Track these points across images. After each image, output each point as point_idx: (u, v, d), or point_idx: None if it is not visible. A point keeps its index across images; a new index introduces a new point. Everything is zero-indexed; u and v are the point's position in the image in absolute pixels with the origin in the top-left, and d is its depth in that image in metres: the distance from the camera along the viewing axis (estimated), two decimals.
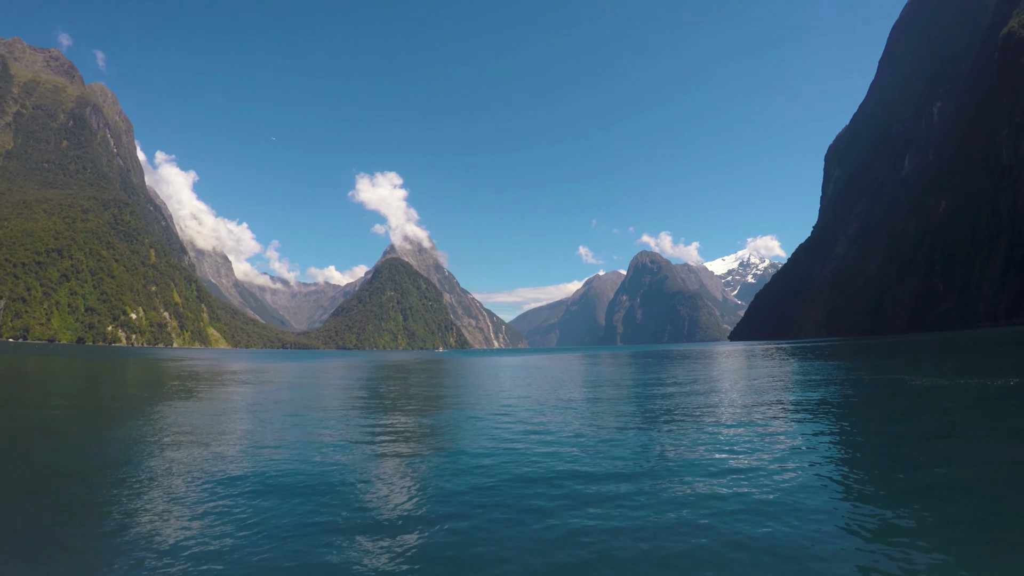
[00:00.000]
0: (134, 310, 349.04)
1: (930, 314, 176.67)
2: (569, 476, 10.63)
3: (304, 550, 7.26)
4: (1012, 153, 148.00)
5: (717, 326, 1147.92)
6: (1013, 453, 11.85)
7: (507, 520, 8.30)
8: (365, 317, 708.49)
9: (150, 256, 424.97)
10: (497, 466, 11.57)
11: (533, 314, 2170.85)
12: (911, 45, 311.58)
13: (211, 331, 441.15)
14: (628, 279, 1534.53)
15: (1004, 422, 15.80)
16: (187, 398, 27.55)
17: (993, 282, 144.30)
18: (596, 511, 8.55)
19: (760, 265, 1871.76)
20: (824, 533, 7.48)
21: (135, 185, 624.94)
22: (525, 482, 10.34)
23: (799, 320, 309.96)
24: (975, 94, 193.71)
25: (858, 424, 16.33)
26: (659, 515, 8.28)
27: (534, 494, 9.56)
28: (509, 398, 25.69)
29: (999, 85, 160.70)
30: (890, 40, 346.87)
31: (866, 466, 11.21)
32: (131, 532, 7.93)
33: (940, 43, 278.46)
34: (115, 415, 21.20)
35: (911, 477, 10.18)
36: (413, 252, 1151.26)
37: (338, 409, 22.76)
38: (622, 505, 8.80)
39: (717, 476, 10.36)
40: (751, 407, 20.06)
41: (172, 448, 13.74)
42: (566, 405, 22.39)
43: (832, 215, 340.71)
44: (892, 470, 10.78)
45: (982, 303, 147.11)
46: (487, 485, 10.21)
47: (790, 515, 8.12)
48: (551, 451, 12.90)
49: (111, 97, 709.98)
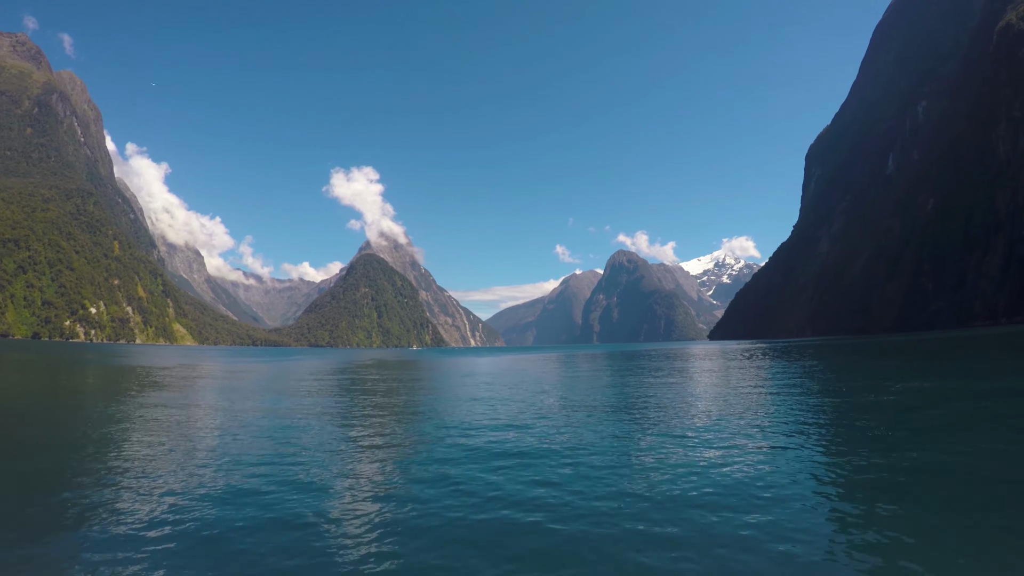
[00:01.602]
0: (94, 304, 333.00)
1: (921, 313, 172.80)
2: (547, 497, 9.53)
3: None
4: (1010, 148, 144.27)
5: (693, 326, 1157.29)
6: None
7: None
8: (339, 314, 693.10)
9: (114, 248, 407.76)
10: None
11: (510, 312, 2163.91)
12: (895, 45, 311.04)
13: (177, 327, 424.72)
14: (605, 278, 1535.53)
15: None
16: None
17: (991, 280, 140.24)
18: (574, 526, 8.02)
19: (735, 266, 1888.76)
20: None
21: (103, 176, 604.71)
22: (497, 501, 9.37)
23: (782, 319, 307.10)
24: (966, 91, 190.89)
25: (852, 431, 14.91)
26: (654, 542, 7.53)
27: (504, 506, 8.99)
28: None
29: (995, 79, 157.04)
30: (873, 40, 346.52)
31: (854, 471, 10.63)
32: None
33: (925, 43, 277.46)
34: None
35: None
36: (389, 249, 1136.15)
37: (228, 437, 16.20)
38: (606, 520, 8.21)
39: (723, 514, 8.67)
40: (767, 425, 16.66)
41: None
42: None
43: (814, 214, 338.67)
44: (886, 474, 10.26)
45: (979, 301, 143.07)
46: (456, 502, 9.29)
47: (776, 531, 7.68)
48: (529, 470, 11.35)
49: (80, 85, 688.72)
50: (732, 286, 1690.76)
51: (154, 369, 50.95)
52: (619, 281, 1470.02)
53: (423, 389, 32.93)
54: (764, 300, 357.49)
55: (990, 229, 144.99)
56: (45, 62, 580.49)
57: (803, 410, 18.59)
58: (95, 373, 46.79)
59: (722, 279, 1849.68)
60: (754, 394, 24.06)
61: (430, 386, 35.20)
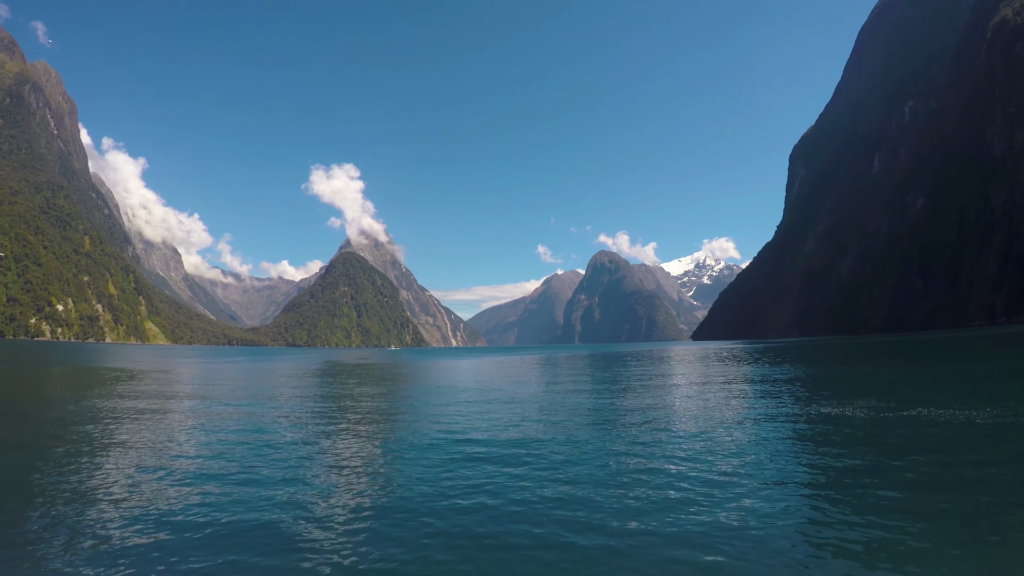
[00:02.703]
0: (61, 301, 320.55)
1: (914, 313, 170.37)
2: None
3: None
4: (1006, 145, 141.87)
5: (674, 326, 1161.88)
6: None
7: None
8: (317, 313, 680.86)
9: (84, 244, 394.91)
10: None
11: (491, 312, 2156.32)
12: (881, 46, 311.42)
13: (149, 326, 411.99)
14: (587, 278, 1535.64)
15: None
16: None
17: (988, 279, 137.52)
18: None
19: (716, 267, 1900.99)
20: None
21: (76, 170, 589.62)
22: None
23: (767, 319, 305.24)
24: (957, 89, 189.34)
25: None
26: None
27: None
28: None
29: (990, 75, 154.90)
30: (858, 42, 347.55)
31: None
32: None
33: (912, 44, 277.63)
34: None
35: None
36: (370, 247, 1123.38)
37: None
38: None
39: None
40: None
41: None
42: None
43: (799, 214, 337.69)
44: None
45: (975, 301, 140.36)
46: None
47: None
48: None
49: (55, 76, 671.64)
50: (712, 287, 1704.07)
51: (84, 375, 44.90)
52: (601, 281, 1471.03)
53: (381, 413, 27.81)
54: (748, 300, 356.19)
55: (985, 227, 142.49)
56: (19, 52, 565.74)
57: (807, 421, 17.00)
58: (29, 379, 40.85)
59: (702, 280, 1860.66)
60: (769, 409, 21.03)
61: (395, 406, 30.04)
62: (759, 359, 55.51)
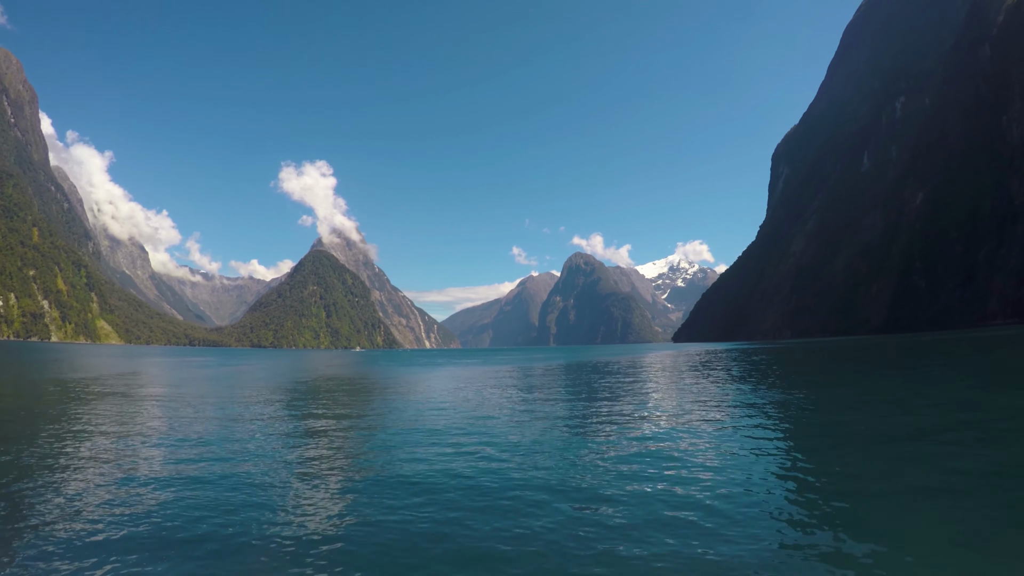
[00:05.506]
0: (2, 296, 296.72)
1: (919, 312, 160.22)
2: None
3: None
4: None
5: (649, 328, 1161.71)
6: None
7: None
8: (284, 313, 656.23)
9: (32, 236, 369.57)
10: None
11: (466, 314, 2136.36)
12: (868, 44, 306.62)
13: (101, 324, 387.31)
14: (562, 280, 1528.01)
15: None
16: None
17: (1010, 273, 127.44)
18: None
19: (690, 270, 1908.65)
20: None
21: (35, 161, 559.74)
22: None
23: (755, 320, 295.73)
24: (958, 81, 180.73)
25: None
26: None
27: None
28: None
29: (1005, 60, 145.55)
30: (844, 40, 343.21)
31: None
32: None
33: (901, 41, 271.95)
34: None
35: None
36: (342, 247, 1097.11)
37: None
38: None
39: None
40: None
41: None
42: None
43: (784, 213, 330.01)
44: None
45: (996, 297, 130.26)
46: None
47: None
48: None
49: (16, 64, 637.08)
50: (686, 290, 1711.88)
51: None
52: (576, 283, 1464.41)
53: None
54: (733, 301, 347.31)
55: (1004, 219, 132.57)
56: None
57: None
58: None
59: (676, 283, 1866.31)
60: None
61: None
62: (784, 376, 42.26)
